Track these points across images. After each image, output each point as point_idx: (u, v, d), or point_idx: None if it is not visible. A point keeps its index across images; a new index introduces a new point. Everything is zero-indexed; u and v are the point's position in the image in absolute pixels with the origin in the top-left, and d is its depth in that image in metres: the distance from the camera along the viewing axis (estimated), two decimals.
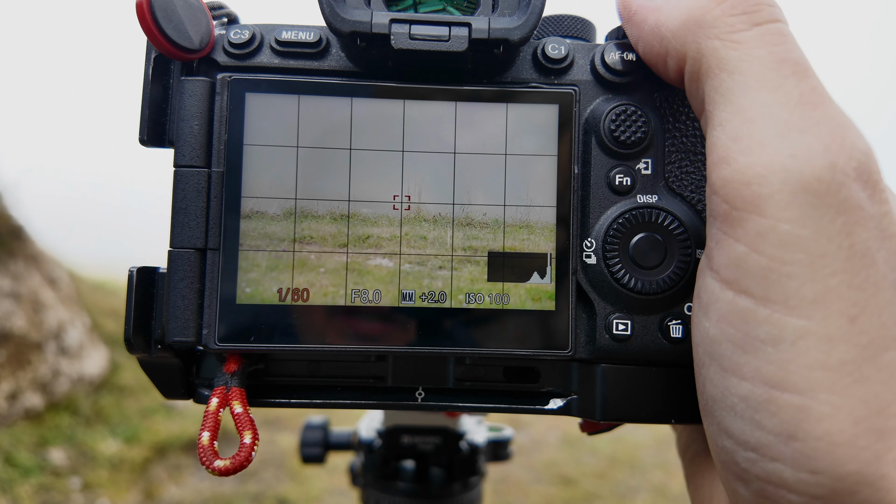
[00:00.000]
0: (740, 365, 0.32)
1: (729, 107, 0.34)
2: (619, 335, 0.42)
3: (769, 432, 0.31)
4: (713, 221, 0.35)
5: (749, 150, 0.33)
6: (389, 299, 0.43)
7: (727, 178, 0.33)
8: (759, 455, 0.32)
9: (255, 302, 0.42)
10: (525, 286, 0.43)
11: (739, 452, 0.33)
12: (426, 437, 0.82)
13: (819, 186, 0.31)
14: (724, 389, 0.33)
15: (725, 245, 0.34)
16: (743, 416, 0.32)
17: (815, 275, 0.31)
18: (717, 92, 0.35)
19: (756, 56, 0.34)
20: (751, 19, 0.35)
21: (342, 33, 0.40)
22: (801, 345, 0.31)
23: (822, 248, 0.31)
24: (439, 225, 0.43)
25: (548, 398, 0.46)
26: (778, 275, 0.31)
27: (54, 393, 3.35)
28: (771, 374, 0.31)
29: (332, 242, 0.43)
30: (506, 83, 0.44)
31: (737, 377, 0.33)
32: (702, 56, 0.36)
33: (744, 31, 0.35)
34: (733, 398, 0.33)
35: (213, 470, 0.39)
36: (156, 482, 3.09)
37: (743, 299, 0.33)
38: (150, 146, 0.44)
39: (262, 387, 0.45)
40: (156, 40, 0.40)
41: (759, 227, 0.32)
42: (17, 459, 2.85)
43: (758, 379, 0.32)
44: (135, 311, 0.42)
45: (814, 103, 0.33)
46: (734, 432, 0.33)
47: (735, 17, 0.35)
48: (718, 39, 0.35)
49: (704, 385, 0.35)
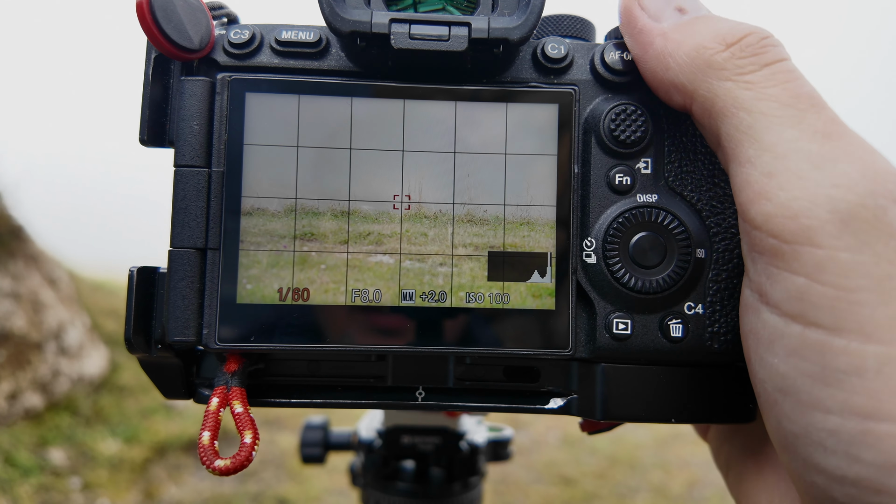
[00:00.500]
0: (822, 399, 0.32)
1: (755, 144, 0.35)
2: (619, 334, 0.42)
3: (869, 465, 0.30)
4: (758, 257, 0.35)
5: (788, 184, 0.33)
6: (390, 299, 0.43)
7: (770, 213, 0.34)
8: (859, 490, 0.31)
9: (256, 301, 0.42)
10: (525, 285, 0.43)
11: (836, 489, 0.32)
12: (426, 437, 0.82)
13: (866, 213, 0.32)
14: (806, 425, 0.32)
15: (782, 279, 0.33)
16: (835, 451, 0.31)
17: (885, 298, 0.31)
18: (737, 130, 0.36)
19: (771, 94, 0.35)
20: (759, 60, 0.36)
21: (342, 33, 0.40)
22: (886, 371, 0.30)
23: (885, 272, 0.31)
24: (440, 222, 0.43)
25: (548, 397, 0.46)
26: (847, 303, 0.31)
27: (54, 393, 3.35)
28: (861, 405, 0.30)
29: (332, 239, 0.43)
30: (505, 83, 0.44)
31: (821, 412, 0.32)
32: (715, 96, 0.37)
33: (755, 73, 0.36)
34: (820, 433, 0.32)
35: (214, 470, 0.39)
36: (156, 482, 3.09)
37: (813, 332, 0.32)
38: (151, 146, 0.44)
39: (263, 386, 0.45)
40: (156, 40, 0.40)
41: (817, 258, 0.32)
42: (17, 459, 2.85)
43: (847, 411, 0.31)
44: (135, 311, 0.42)
45: (838, 133, 0.34)
46: (827, 468, 0.32)
47: (744, 59, 0.36)
48: (731, 81, 0.36)
49: (780, 422, 0.34)
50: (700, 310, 0.43)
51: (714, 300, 0.43)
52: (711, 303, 0.43)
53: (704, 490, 3.20)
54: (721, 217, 0.43)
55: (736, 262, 0.43)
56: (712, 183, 0.44)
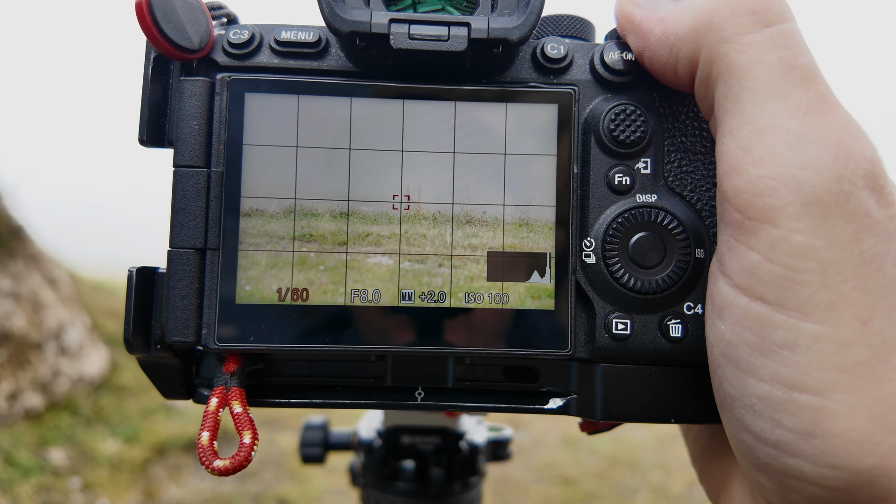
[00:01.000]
0: (757, 367, 0.34)
1: (738, 115, 0.35)
2: (619, 334, 0.42)
3: (789, 431, 0.33)
4: (725, 227, 0.37)
5: (760, 161, 0.34)
6: (389, 299, 0.43)
7: (739, 188, 0.35)
8: (779, 451, 0.33)
9: (255, 302, 0.42)
10: (524, 286, 0.43)
11: (760, 448, 0.34)
12: (426, 437, 0.82)
13: (829, 198, 0.33)
14: (741, 389, 0.35)
15: (738, 252, 0.35)
16: (762, 414, 0.34)
17: (828, 282, 0.32)
18: (726, 98, 0.36)
19: (765, 62, 0.35)
20: (760, 20, 0.36)
21: (341, 33, 0.40)
22: (816, 348, 0.32)
23: (834, 257, 0.32)
24: (439, 223, 0.43)
25: (547, 398, 0.46)
26: (792, 283, 0.33)
27: (54, 393, 3.35)
28: (789, 377, 0.33)
29: (331, 240, 0.43)
30: (505, 83, 0.44)
31: (754, 378, 0.34)
32: (713, 61, 0.37)
33: (753, 34, 0.35)
34: (752, 398, 0.34)
35: (213, 470, 0.39)
36: (156, 482, 3.09)
37: (758, 305, 0.34)
38: (150, 146, 0.44)
39: (262, 387, 0.45)
40: (155, 40, 0.40)
41: (773, 237, 0.33)
42: (17, 459, 2.85)
43: (776, 381, 0.33)
44: (134, 311, 0.42)
45: (822, 111, 0.34)
46: (754, 429, 0.34)
47: (744, 17, 0.36)
48: (728, 42, 0.36)
49: (721, 384, 0.37)
50: (699, 310, 0.43)
51: None
52: None
53: None
54: None
55: None
56: (712, 183, 0.44)
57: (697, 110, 0.44)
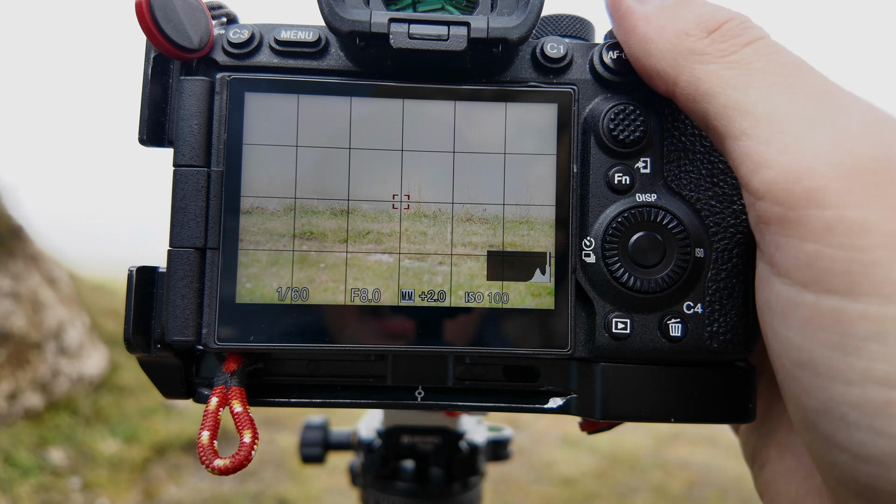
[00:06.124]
0: (842, 370, 0.29)
1: (747, 117, 0.34)
2: (619, 334, 0.42)
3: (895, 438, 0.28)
4: (765, 228, 0.34)
5: (788, 148, 0.32)
6: (389, 298, 0.43)
7: (772, 180, 0.32)
8: (885, 468, 0.28)
9: (255, 301, 0.42)
10: (524, 285, 0.43)
11: (860, 468, 0.29)
12: (426, 437, 0.82)
13: (873, 164, 0.30)
14: (826, 400, 0.30)
15: (790, 247, 0.32)
16: (859, 425, 0.29)
17: None
18: (727, 108, 0.35)
19: (758, 68, 0.35)
20: (740, 41, 0.36)
21: (341, 33, 0.40)
22: None
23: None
24: (439, 221, 0.43)
25: (547, 397, 0.46)
26: (861, 264, 0.29)
27: (54, 393, 3.35)
28: (885, 373, 0.28)
29: (331, 238, 0.43)
30: (505, 82, 0.44)
31: (841, 383, 0.29)
32: (698, 80, 0.37)
33: (737, 52, 0.36)
34: (842, 407, 0.29)
35: (213, 469, 0.39)
36: (155, 482, 3.09)
37: (829, 299, 0.30)
38: (150, 146, 0.44)
39: (262, 386, 0.45)
40: (155, 40, 0.40)
41: (825, 220, 0.30)
42: (16, 459, 2.85)
43: (869, 381, 0.28)
44: (134, 310, 0.42)
45: (830, 92, 0.33)
46: (850, 446, 0.30)
47: (725, 42, 0.37)
48: (714, 63, 0.36)
49: (800, 399, 0.32)
50: (699, 309, 0.43)
51: (713, 299, 0.43)
52: (711, 302, 0.43)
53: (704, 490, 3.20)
54: (720, 216, 0.43)
55: (735, 261, 0.43)
56: (711, 182, 0.44)
57: None
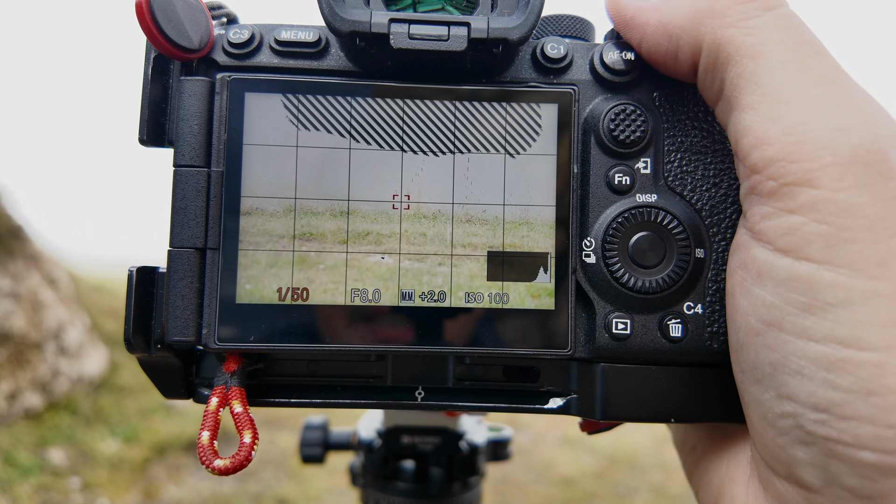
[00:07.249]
0: (807, 327, 0.33)
1: (757, 90, 0.36)
2: (619, 334, 0.42)
3: (844, 391, 0.32)
4: (755, 199, 0.36)
5: (791, 128, 0.34)
6: (389, 298, 0.43)
7: (771, 157, 0.35)
8: (830, 415, 0.32)
9: (255, 301, 0.42)
10: (524, 285, 0.43)
11: (806, 415, 0.33)
12: (426, 437, 0.82)
13: (868, 156, 0.33)
14: (787, 353, 0.34)
15: (777, 217, 0.35)
16: (813, 377, 0.33)
17: (878, 237, 0.32)
18: (741, 77, 0.37)
19: (775, 40, 0.36)
20: (761, 5, 0.37)
21: (341, 33, 0.40)
22: (872, 304, 0.32)
23: (881, 213, 0.33)
24: (439, 222, 0.43)
25: (547, 397, 0.46)
26: (839, 240, 0.33)
27: (54, 393, 3.35)
28: (845, 335, 0.32)
29: (331, 239, 0.43)
30: (505, 83, 0.44)
31: (804, 339, 0.33)
32: (719, 45, 0.37)
33: (757, 18, 0.37)
34: (800, 360, 0.33)
35: (213, 469, 0.39)
36: (155, 482, 3.09)
37: (804, 265, 0.34)
38: (150, 146, 0.44)
39: (262, 386, 0.45)
40: (155, 40, 0.40)
41: (814, 198, 0.33)
42: (16, 459, 2.85)
43: (830, 339, 0.32)
44: (135, 310, 0.42)
45: (840, 80, 0.35)
46: (800, 395, 0.33)
47: (745, 4, 0.37)
48: (734, 27, 0.37)
49: (759, 353, 0.36)
50: (699, 310, 0.43)
51: (713, 300, 0.43)
52: (711, 303, 0.43)
53: None
54: (720, 217, 0.43)
55: None
56: (712, 183, 0.44)
57: (697, 110, 0.44)
